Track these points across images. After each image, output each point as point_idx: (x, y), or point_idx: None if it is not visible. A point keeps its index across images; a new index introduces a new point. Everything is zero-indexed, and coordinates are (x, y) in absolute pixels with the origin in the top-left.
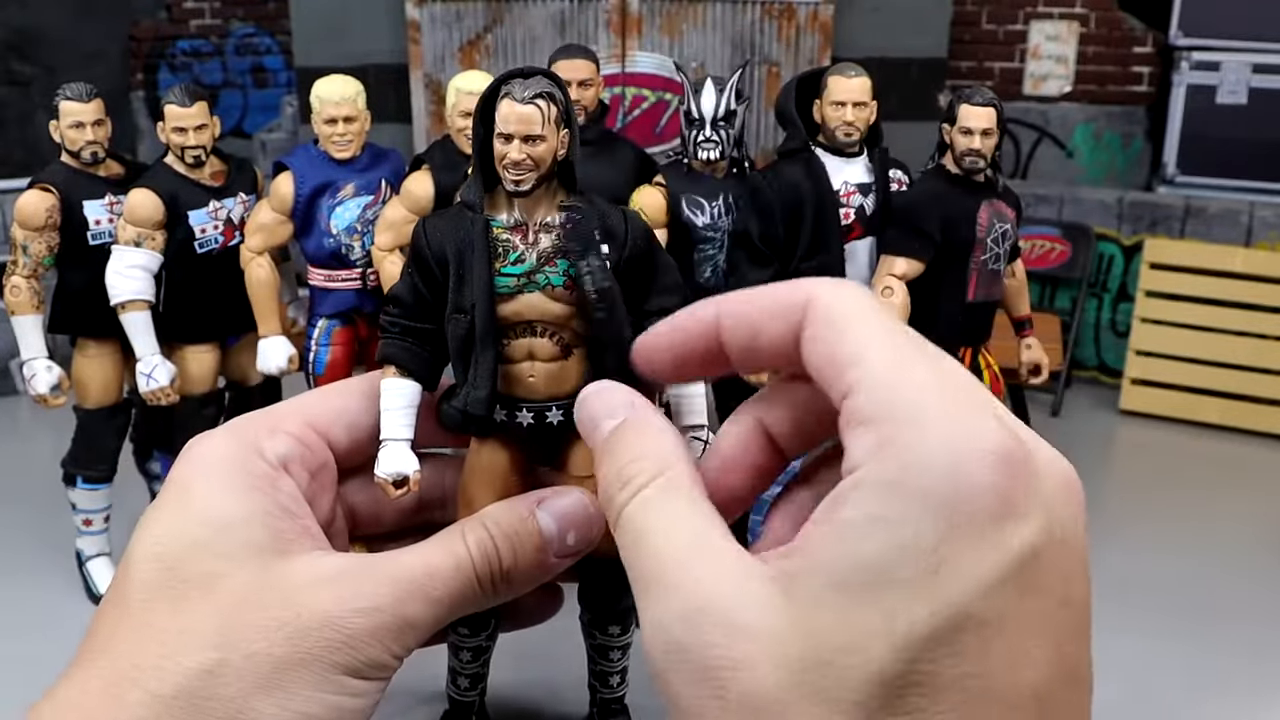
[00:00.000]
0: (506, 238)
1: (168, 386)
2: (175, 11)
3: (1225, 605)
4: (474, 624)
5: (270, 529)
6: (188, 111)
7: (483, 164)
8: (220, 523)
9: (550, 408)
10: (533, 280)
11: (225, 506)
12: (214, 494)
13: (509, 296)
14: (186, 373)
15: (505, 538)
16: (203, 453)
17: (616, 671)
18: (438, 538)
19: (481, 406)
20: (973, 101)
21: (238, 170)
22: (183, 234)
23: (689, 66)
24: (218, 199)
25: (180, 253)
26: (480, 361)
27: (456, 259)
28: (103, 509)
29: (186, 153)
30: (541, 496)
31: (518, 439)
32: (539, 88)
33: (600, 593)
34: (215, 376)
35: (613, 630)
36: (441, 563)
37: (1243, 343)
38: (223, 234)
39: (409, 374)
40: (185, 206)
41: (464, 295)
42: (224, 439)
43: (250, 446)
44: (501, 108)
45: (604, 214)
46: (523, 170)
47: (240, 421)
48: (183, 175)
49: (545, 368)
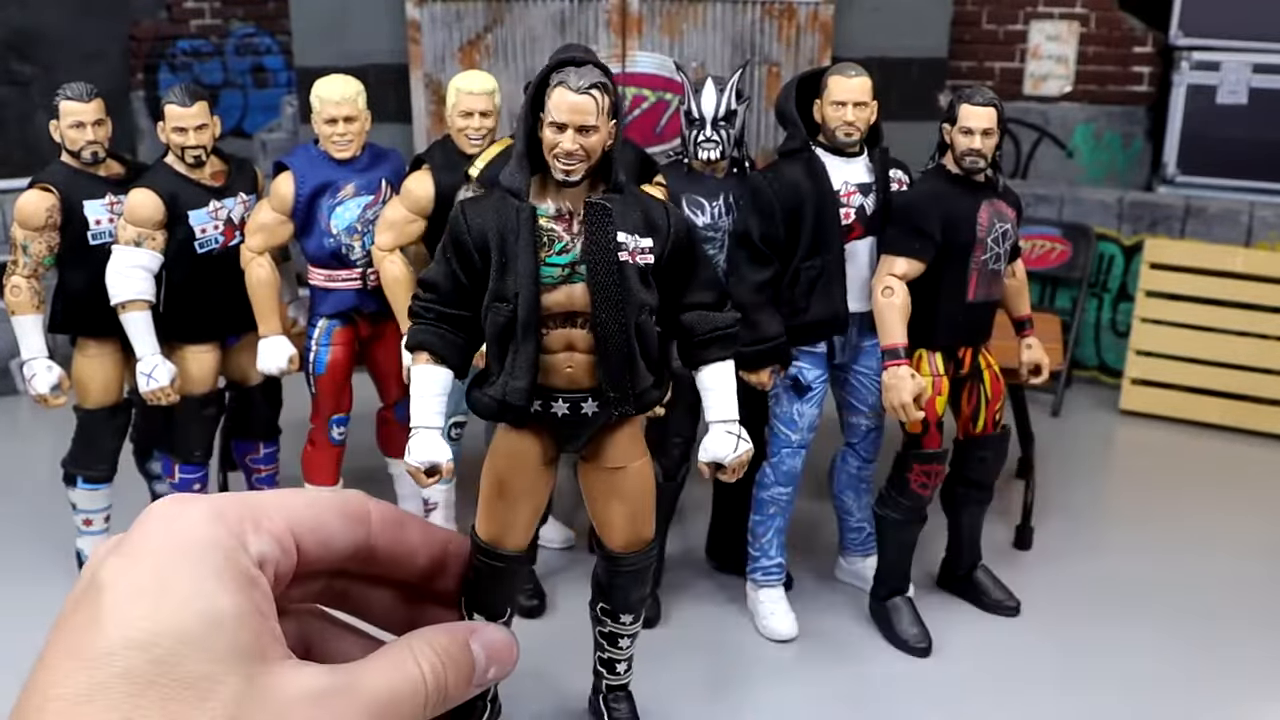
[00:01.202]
0: (551, 227)
1: (168, 386)
2: (175, 11)
3: (1226, 605)
4: (489, 614)
5: (254, 631)
6: (188, 111)
7: (529, 151)
8: (214, 619)
9: (586, 399)
10: (577, 271)
11: (219, 602)
12: (205, 584)
13: (552, 287)
14: (187, 373)
15: (453, 665)
16: (187, 531)
17: (624, 659)
18: (392, 657)
19: (521, 396)
20: (973, 101)
21: (238, 170)
22: (183, 234)
23: (689, 66)
24: (218, 199)
25: (180, 252)
26: (521, 351)
27: (499, 246)
28: (103, 509)
29: (187, 153)
30: (475, 628)
31: (550, 428)
32: (593, 78)
33: (620, 585)
34: (216, 376)
35: (625, 619)
36: (403, 688)
37: (1243, 343)
38: (223, 234)
39: (442, 361)
40: (185, 206)
41: (506, 284)
42: (209, 520)
43: (238, 537)
44: (554, 96)
45: (646, 206)
46: (574, 160)
47: (225, 504)
48: (183, 175)
49: (583, 359)
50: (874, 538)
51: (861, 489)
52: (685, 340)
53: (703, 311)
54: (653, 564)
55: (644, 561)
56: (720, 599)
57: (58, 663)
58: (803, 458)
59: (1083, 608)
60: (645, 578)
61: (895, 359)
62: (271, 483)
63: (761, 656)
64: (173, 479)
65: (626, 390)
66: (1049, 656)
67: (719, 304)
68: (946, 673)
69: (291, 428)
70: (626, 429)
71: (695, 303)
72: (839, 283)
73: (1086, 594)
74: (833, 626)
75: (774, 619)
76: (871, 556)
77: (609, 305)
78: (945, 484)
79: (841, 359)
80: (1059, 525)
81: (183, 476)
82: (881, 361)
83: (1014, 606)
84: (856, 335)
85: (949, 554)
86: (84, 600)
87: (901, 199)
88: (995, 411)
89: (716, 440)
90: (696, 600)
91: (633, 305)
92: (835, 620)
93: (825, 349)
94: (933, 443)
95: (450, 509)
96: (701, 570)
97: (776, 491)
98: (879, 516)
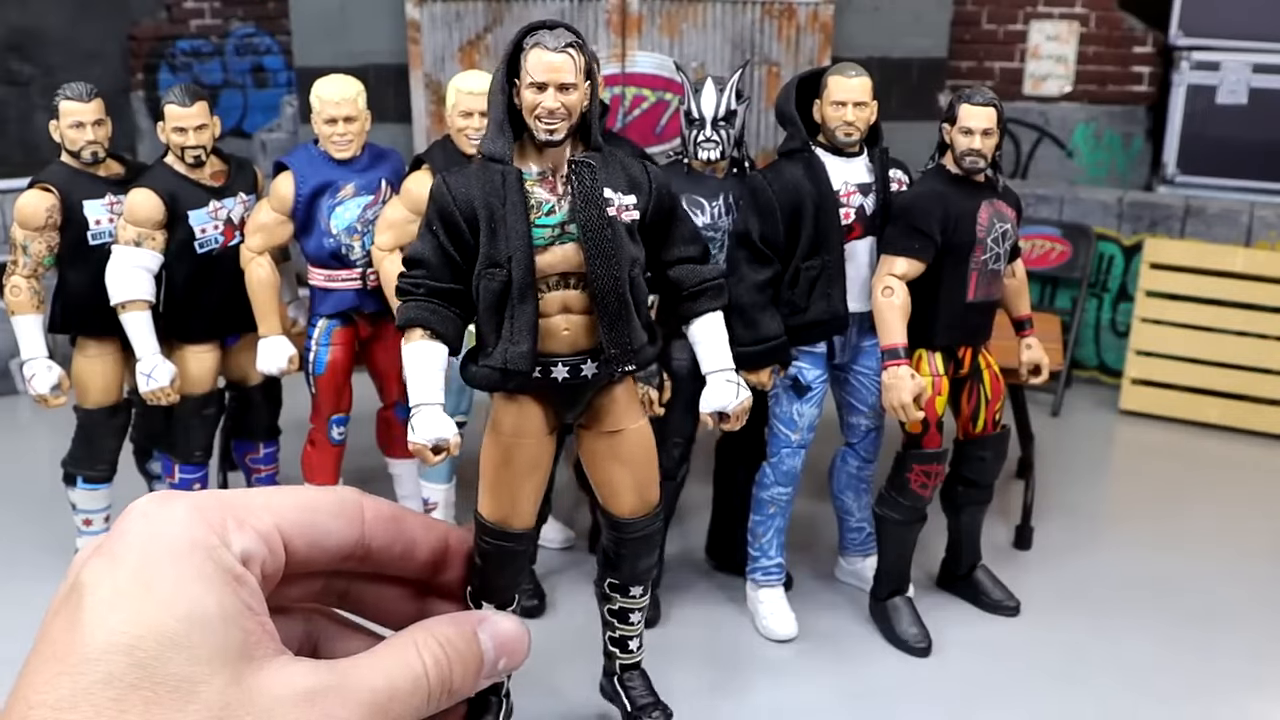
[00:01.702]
0: (537, 190)
1: (168, 386)
2: (175, 11)
3: (1226, 604)
4: (497, 600)
5: (242, 630)
6: (188, 112)
7: (509, 117)
8: (198, 620)
9: (585, 360)
10: (566, 231)
11: (202, 601)
12: (187, 584)
13: (544, 248)
14: (186, 373)
15: (458, 656)
16: (168, 530)
17: (636, 635)
18: (393, 650)
19: (524, 361)
20: (973, 101)
21: (238, 170)
22: (183, 234)
23: (689, 66)
24: (218, 199)
25: (180, 252)
26: (518, 315)
27: (487, 213)
28: (103, 509)
29: (186, 152)
30: (483, 617)
31: (550, 394)
32: (568, 37)
33: (628, 554)
34: (215, 376)
35: (634, 592)
36: (402, 682)
37: (1243, 343)
38: (223, 234)
39: (437, 336)
40: (185, 206)
41: (498, 249)
42: (190, 519)
43: (219, 535)
44: (531, 57)
45: (625, 165)
46: (556, 119)
47: (207, 502)
48: (183, 175)
49: (579, 320)
50: (874, 538)
51: (861, 489)
52: (674, 294)
53: (689, 265)
54: (660, 529)
55: (652, 526)
56: (720, 599)
57: (40, 668)
58: (803, 458)
59: (1083, 607)
60: (654, 544)
61: (895, 359)
62: (272, 482)
63: (761, 656)
64: (173, 479)
65: (626, 346)
66: (1049, 656)
67: (702, 257)
68: (946, 673)
69: (291, 428)
70: (622, 392)
71: (680, 257)
72: (839, 283)
73: (1086, 594)
74: (833, 626)
75: (774, 619)
76: (871, 556)
77: (603, 261)
78: (945, 484)
79: (841, 359)
80: (1059, 525)
81: (183, 476)
82: (881, 361)
83: (1014, 606)
84: (856, 335)
85: (949, 554)
86: (66, 604)
87: (901, 199)
88: (995, 411)
89: (717, 390)
90: (696, 600)
91: (625, 260)
92: (835, 620)
93: (825, 349)
94: (933, 443)
95: (451, 509)
96: (701, 570)
97: (776, 491)
98: (879, 516)
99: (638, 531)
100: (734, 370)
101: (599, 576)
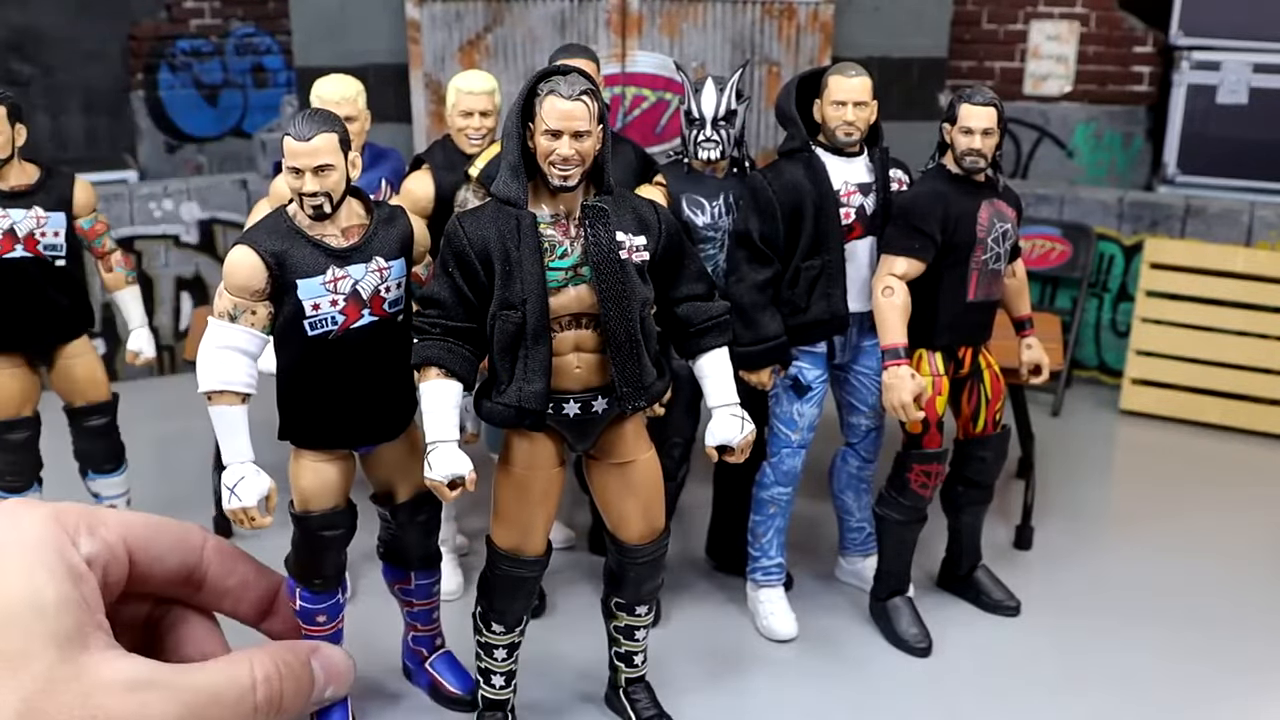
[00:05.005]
0: (550, 233)
1: (253, 507)
2: (175, 11)
3: (1226, 604)
4: (508, 621)
5: (75, 619)
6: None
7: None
8: (36, 604)
9: (596, 396)
10: (579, 274)
11: (44, 589)
12: (33, 573)
13: (557, 290)
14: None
15: (291, 677)
16: (25, 527)
17: (640, 650)
18: (226, 662)
19: (537, 400)
20: (973, 101)
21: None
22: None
23: (689, 66)
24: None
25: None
26: (532, 355)
27: (502, 256)
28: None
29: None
30: (315, 647)
31: (562, 430)
32: (582, 85)
33: (634, 577)
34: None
35: (639, 610)
36: (227, 691)
37: (1243, 343)
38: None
39: (452, 375)
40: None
41: (513, 291)
42: (46, 522)
43: (70, 537)
44: (546, 104)
45: (635, 206)
46: (570, 165)
47: (65, 509)
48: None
49: (591, 359)
50: (874, 538)
51: (861, 489)
52: (681, 331)
53: (695, 303)
54: (665, 553)
55: (658, 551)
56: (720, 599)
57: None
58: (803, 458)
59: (1083, 608)
60: (659, 567)
61: (895, 359)
62: (429, 617)
63: (761, 656)
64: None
65: (638, 384)
66: (1049, 656)
67: (709, 294)
68: (946, 673)
69: None
70: (631, 424)
71: (687, 295)
72: (839, 283)
73: (1086, 594)
74: (833, 626)
75: (774, 619)
76: (871, 556)
77: (616, 303)
78: (945, 484)
79: (841, 359)
80: (1059, 525)
81: (304, 605)
82: (881, 361)
83: (1014, 606)
84: (856, 335)
85: (949, 554)
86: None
87: (902, 199)
88: (995, 411)
89: (722, 424)
90: (696, 600)
91: (636, 301)
92: (835, 620)
93: (825, 349)
94: (933, 443)
95: (450, 516)
96: (701, 570)
97: (776, 491)
98: (879, 516)
99: (645, 557)
100: (738, 404)
101: (605, 595)
